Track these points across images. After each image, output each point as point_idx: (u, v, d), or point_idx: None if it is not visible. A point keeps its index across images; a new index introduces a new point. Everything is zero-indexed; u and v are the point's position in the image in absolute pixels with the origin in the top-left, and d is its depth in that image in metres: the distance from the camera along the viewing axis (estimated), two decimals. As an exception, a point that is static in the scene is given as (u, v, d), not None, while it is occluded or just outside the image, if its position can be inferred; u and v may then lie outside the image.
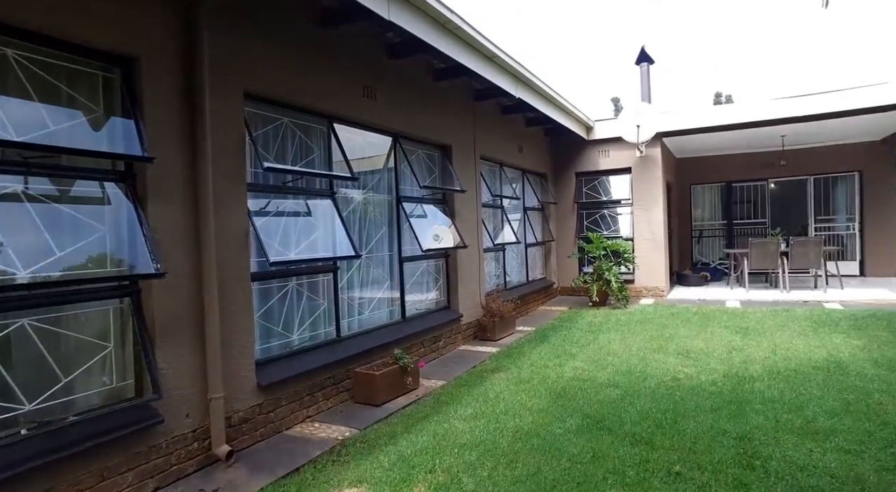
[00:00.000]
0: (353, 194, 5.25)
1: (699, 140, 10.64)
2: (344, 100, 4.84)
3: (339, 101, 4.78)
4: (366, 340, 4.97)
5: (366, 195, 5.40)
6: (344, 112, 4.87)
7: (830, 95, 8.28)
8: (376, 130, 5.48)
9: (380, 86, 5.29)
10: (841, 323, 6.89)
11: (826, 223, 11.97)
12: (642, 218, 9.67)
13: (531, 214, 9.64)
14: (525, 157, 9.09)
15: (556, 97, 8.00)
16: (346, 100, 4.86)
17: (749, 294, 9.45)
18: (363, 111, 5.08)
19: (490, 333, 6.82)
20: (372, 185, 5.52)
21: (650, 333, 6.85)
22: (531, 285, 9.19)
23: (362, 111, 5.07)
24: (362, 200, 5.35)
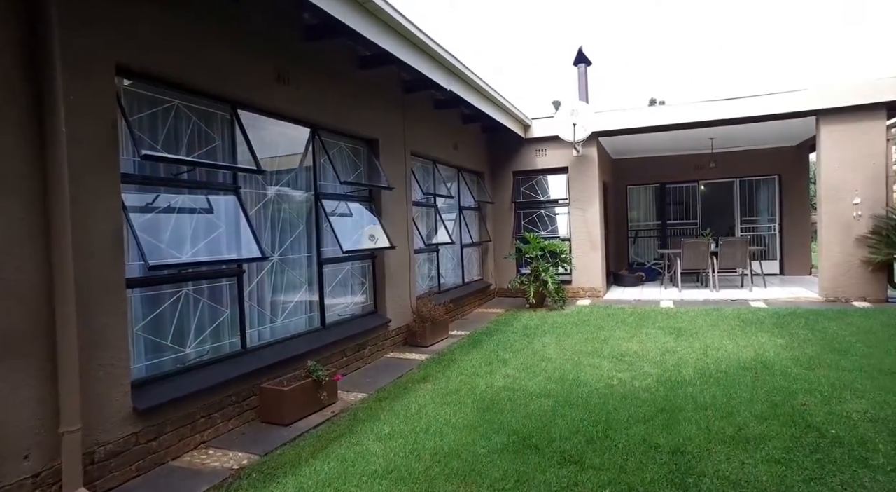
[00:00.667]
0: (266, 190, 4.73)
1: (634, 141, 10.73)
2: (251, 84, 4.32)
3: (245, 84, 4.26)
4: (277, 351, 4.47)
5: (280, 191, 4.89)
6: (251, 97, 4.35)
7: (753, 99, 8.47)
8: (291, 120, 4.97)
9: (295, 71, 4.80)
10: (766, 322, 7.00)
11: (750, 224, 12.41)
12: (579, 218, 9.60)
13: (467, 213, 9.36)
14: (461, 154, 8.79)
15: (492, 93, 7.74)
16: (253, 84, 4.34)
17: (682, 294, 9.56)
18: (275, 98, 4.57)
19: (421, 339, 6.44)
20: (287, 180, 5.02)
21: (586, 335, 6.70)
22: (467, 287, 8.90)
23: (274, 98, 4.56)
24: (276, 196, 4.83)
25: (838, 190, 8.21)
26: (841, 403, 4.04)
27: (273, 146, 4.85)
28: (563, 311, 8.48)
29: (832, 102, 8.11)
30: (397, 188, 6.50)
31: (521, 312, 8.54)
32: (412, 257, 6.85)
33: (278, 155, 4.91)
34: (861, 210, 8.11)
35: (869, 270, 8.07)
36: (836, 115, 8.17)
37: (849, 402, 4.05)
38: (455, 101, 7.30)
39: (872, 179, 8.07)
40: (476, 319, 8.30)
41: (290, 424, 3.94)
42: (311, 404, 4.15)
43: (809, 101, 8.22)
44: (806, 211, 11.87)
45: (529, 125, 9.76)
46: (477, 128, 9.44)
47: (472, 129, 9.25)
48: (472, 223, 9.57)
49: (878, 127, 8.03)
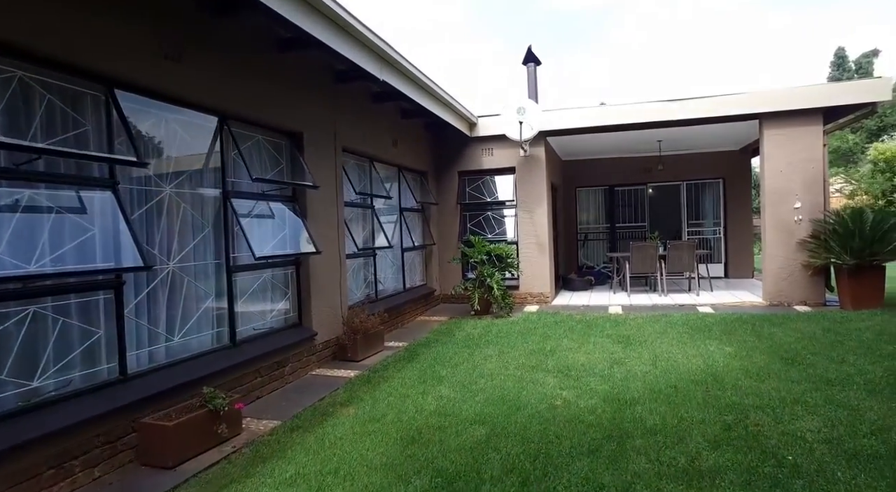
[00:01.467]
0: (163, 187, 4.04)
1: (583, 142, 10.49)
2: (133, 59, 3.63)
3: (124, 60, 3.57)
4: (170, 376, 3.79)
5: (179, 189, 4.20)
6: (133, 76, 3.66)
7: (699, 101, 8.34)
8: (192, 107, 4.29)
9: (193, 48, 4.13)
10: (713, 328, 6.80)
11: (697, 227, 12.45)
12: (527, 220, 9.24)
13: (409, 215, 8.82)
14: (401, 152, 8.25)
15: (433, 86, 7.24)
16: (136, 60, 3.66)
17: (631, 299, 9.36)
18: (166, 78, 3.90)
19: (351, 353, 5.86)
20: (189, 176, 4.33)
21: (531, 346, 6.29)
22: (408, 294, 8.36)
23: (164, 78, 3.89)
24: (173, 194, 4.15)
25: (780, 194, 8.17)
26: (794, 420, 3.75)
27: (170, 136, 4.16)
28: (510, 318, 8.07)
29: (773, 106, 8.07)
30: (326, 187, 5.89)
31: (465, 320, 8.07)
32: (343, 263, 6.25)
33: (176, 146, 4.22)
34: (802, 214, 8.10)
35: (809, 274, 8.07)
36: (778, 119, 8.14)
37: (801, 419, 3.77)
38: (393, 95, 6.76)
39: (811, 184, 8.07)
40: (417, 328, 7.77)
41: (176, 466, 3.28)
42: (206, 439, 3.51)
43: (753, 103, 8.16)
44: (748, 215, 12.00)
45: (475, 123, 9.33)
46: (419, 124, 8.93)
47: (414, 125, 8.73)
48: (414, 226, 9.04)
49: (815, 132, 8.04)
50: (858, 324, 6.55)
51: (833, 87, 7.73)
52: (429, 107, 7.50)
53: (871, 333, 6.13)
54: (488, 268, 8.29)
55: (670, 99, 8.44)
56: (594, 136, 9.69)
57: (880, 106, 7.84)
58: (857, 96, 7.69)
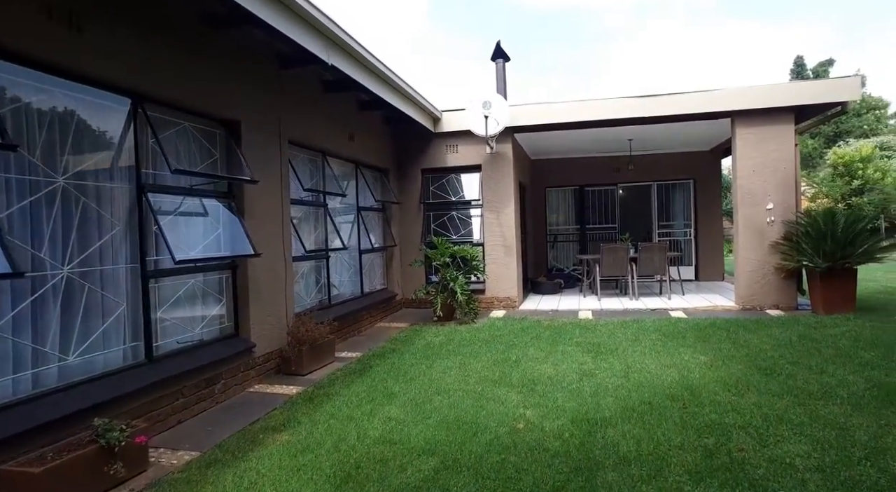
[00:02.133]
0: (55, 178, 3.40)
1: (552, 140, 10.13)
2: (8, 20, 3.01)
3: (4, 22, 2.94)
4: (54, 406, 3.16)
5: (77, 181, 3.57)
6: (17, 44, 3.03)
7: (671, 97, 8.04)
8: (97, 85, 3.67)
9: (105, 19, 3.51)
10: (687, 335, 6.46)
11: (667, 229, 12.24)
12: (493, 221, 8.79)
13: (368, 215, 8.27)
14: (359, 147, 7.69)
15: (390, 75, 6.71)
16: (13, 21, 3.03)
17: (601, 303, 9.00)
18: (54, 47, 3.27)
19: (296, 367, 5.28)
20: (91, 165, 3.70)
21: (495, 356, 5.82)
22: (366, 299, 7.80)
23: (52, 47, 3.26)
24: (70, 187, 3.51)
25: (753, 195, 7.93)
26: (780, 443, 3.36)
27: (65, 117, 3.52)
28: (474, 324, 7.60)
29: (746, 104, 7.82)
30: (269, 183, 5.30)
31: (426, 327, 7.56)
32: (290, 266, 5.66)
33: (74, 130, 3.58)
34: (774, 216, 7.87)
35: (781, 277, 7.84)
36: (750, 117, 7.90)
37: (788, 441, 3.39)
38: (347, 84, 6.19)
39: (784, 184, 7.85)
40: (374, 335, 7.22)
41: (51, 520, 2.67)
42: (95, 482, 2.90)
43: (725, 101, 7.90)
44: (719, 216, 11.84)
45: (439, 118, 8.83)
46: (378, 119, 8.39)
47: (373, 119, 8.19)
48: (373, 226, 8.49)
49: (787, 131, 7.82)
50: (833, 330, 6.29)
51: (805, 86, 7.53)
52: (387, 98, 6.96)
53: (846, 339, 5.86)
54: (452, 271, 7.80)
55: (641, 95, 8.12)
56: (564, 133, 9.32)
57: (850, 106, 7.66)
58: (829, 95, 7.49)
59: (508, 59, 10.93)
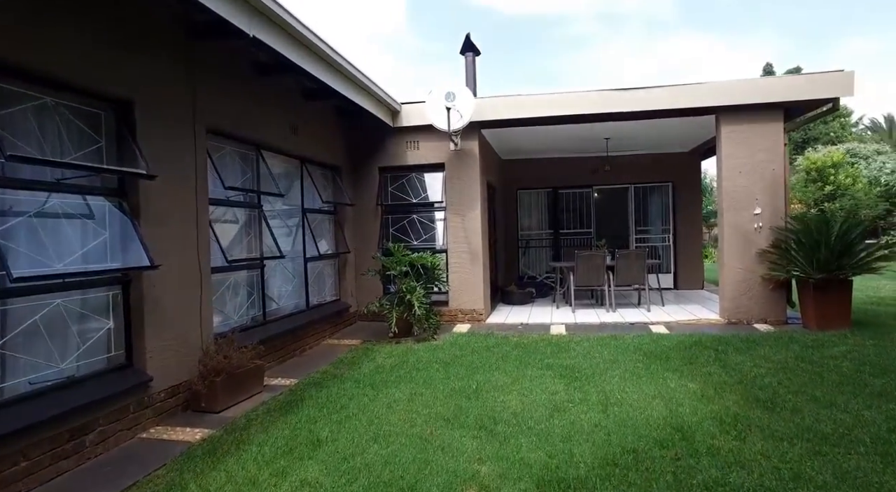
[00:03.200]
0: None
1: (524, 137, 9.36)
2: None
3: None
4: None
5: None
6: None
7: (651, 90, 7.34)
8: None
9: None
10: (671, 355, 5.73)
11: (645, 234, 11.60)
12: (458, 225, 7.95)
13: (317, 218, 7.35)
14: (304, 142, 6.77)
15: (336, 58, 5.82)
16: None
17: (576, 316, 8.25)
18: None
19: (209, 402, 4.33)
20: None
21: (453, 383, 4.97)
22: (312, 313, 6.87)
23: None
24: None
25: (739, 198, 7.28)
26: (803, 515, 2.60)
27: None
28: (434, 342, 6.74)
29: (731, 99, 7.17)
30: (177, 179, 4.36)
31: (379, 345, 6.67)
32: (207, 279, 4.71)
33: None
34: (761, 221, 7.23)
35: (769, 288, 7.20)
36: (736, 114, 7.25)
37: (813, 512, 2.62)
38: (286, 67, 5.27)
39: (772, 187, 7.22)
40: (319, 355, 6.30)
41: None
42: None
43: (709, 95, 7.23)
44: (699, 221, 11.26)
45: (398, 111, 7.97)
46: (329, 110, 7.48)
47: (322, 110, 7.28)
48: (323, 231, 7.57)
49: (776, 129, 7.20)
50: (832, 350, 5.63)
51: (796, 80, 6.92)
52: (335, 86, 6.07)
53: (849, 362, 5.19)
54: (409, 282, 6.93)
55: (620, 88, 7.40)
56: (536, 130, 8.57)
57: (840, 104, 7.07)
58: (821, 91, 6.88)
59: (479, 52, 10.15)
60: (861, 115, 34.62)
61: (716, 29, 71.46)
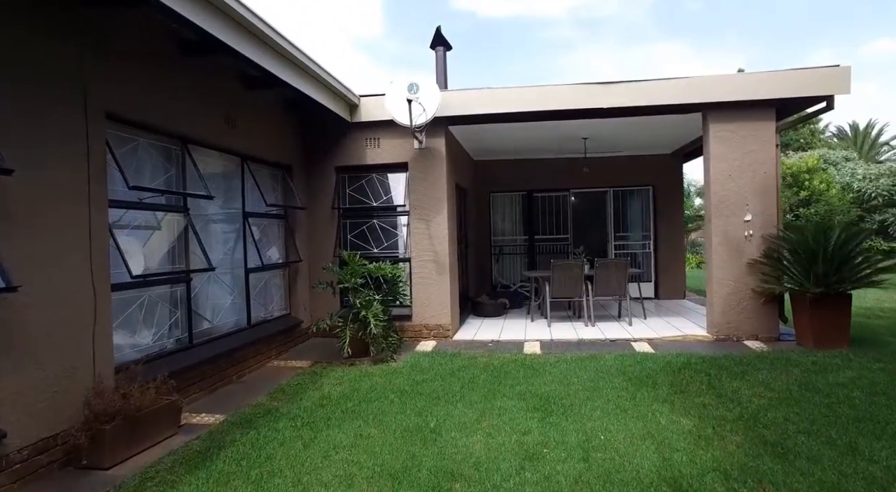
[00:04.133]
0: None
1: (497, 137, 8.67)
2: None
3: None
4: None
5: None
6: None
7: (635, 84, 6.71)
8: None
9: None
10: (659, 380, 5.06)
11: (624, 241, 11.01)
12: (422, 232, 7.18)
13: (262, 223, 6.50)
14: (245, 136, 5.93)
15: (276, 39, 5.00)
16: None
17: (552, 330, 7.55)
18: None
19: (95, 457, 3.46)
20: None
21: (408, 420, 4.20)
22: (256, 331, 6.02)
23: None
24: None
25: (729, 203, 6.68)
26: None
27: None
28: (393, 364, 5.96)
29: (720, 95, 6.59)
30: (56, 173, 3.49)
31: (331, 368, 5.85)
32: (103, 299, 3.84)
33: None
34: (752, 229, 6.64)
35: (761, 302, 6.61)
36: (726, 112, 6.67)
37: None
38: (217, 48, 4.43)
39: (763, 191, 6.65)
40: (259, 381, 5.45)
41: None
42: None
43: (696, 91, 6.64)
44: (680, 227, 10.71)
45: (357, 105, 7.17)
46: (275, 101, 6.64)
47: (266, 101, 6.44)
48: (271, 237, 6.72)
49: (768, 129, 6.64)
50: (837, 375, 5.02)
51: (789, 76, 6.36)
52: (278, 72, 5.25)
53: (860, 391, 4.58)
54: (366, 295, 6.13)
55: (602, 81, 6.74)
56: (510, 129, 7.87)
57: (835, 102, 6.52)
58: (816, 87, 6.34)
59: (450, 47, 9.46)
60: (828, 123, 35.08)
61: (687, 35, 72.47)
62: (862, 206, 22.93)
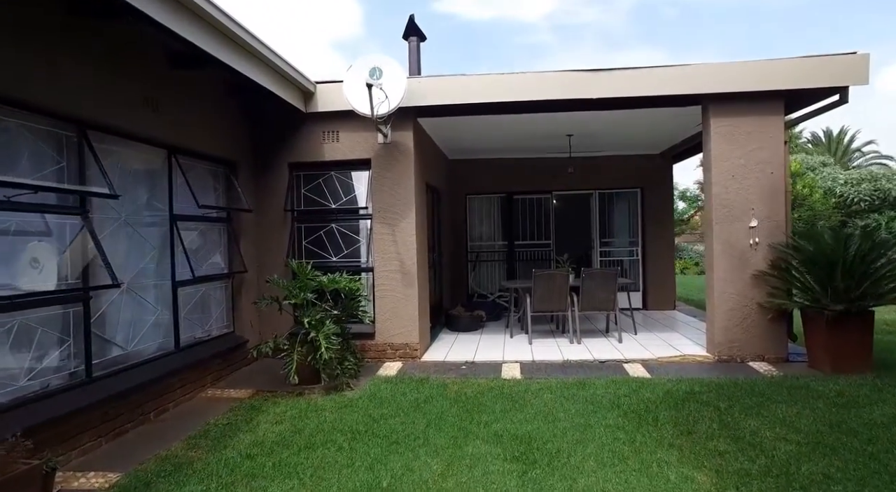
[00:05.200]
0: None
1: (474, 133, 7.84)
2: None
3: None
4: None
5: None
6: None
7: (622, 74, 5.93)
8: None
9: None
10: (661, 417, 4.26)
11: (610, 247, 10.26)
12: (386, 237, 6.30)
13: (199, 228, 5.54)
14: (171, 124, 4.98)
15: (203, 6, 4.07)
16: None
17: (533, 349, 6.72)
18: None
19: None
20: None
21: (356, 478, 3.32)
22: (185, 355, 5.06)
23: None
24: None
25: (732, 208, 5.94)
26: None
27: None
28: (348, 393, 5.06)
29: (723, 85, 5.85)
30: None
31: (274, 400, 4.93)
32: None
33: None
34: (758, 236, 5.91)
35: (768, 318, 5.87)
36: (729, 104, 5.93)
37: None
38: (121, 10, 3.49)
39: (771, 194, 5.93)
40: (180, 421, 4.49)
41: None
42: None
43: (696, 80, 5.89)
44: (670, 233, 10.00)
45: (313, 93, 6.27)
46: (213, 84, 5.70)
47: (200, 83, 5.49)
48: (210, 244, 5.77)
49: (776, 124, 5.92)
50: (871, 411, 4.24)
51: (802, 64, 5.65)
52: (207, 48, 4.32)
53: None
54: (316, 312, 5.22)
55: (590, 69, 5.95)
56: (486, 123, 7.05)
57: (849, 94, 5.84)
58: (831, 77, 5.64)
59: (424, 38, 8.63)
60: (802, 129, 35.20)
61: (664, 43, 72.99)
62: (844, 210, 22.71)
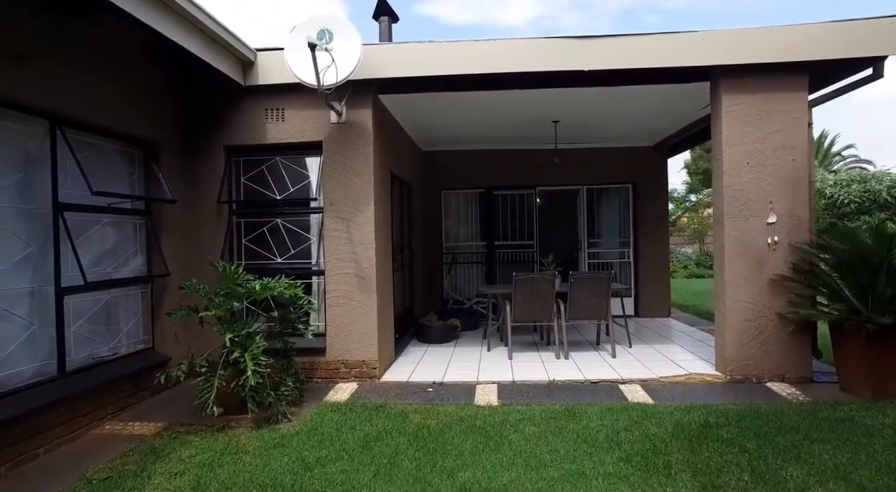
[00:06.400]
0: None
1: (447, 118, 6.89)
2: None
3: None
4: None
5: None
6: None
7: (618, 41, 5.02)
8: None
9: None
10: (673, 461, 3.32)
11: (598, 248, 9.37)
12: (340, 235, 5.29)
13: (99, 221, 4.47)
14: (52, 87, 3.91)
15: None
16: None
17: (514, 366, 5.76)
18: None
19: None
20: None
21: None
22: (76, 381, 3.98)
23: None
24: None
25: (747, 201, 5.05)
26: None
27: None
28: (283, 427, 4.04)
29: (735, 56, 4.96)
30: None
31: (186, 439, 3.88)
32: None
33: None
34: (778, 234, 5.03)
35: (788, 331, 4.99)
36: (743, 78, 5.05)
37: None
38: None
39: (793, 186, 5.05)
40: (48, 471, 3.42)
41: None
42: None
43: (704, 49, 4.99)
44: (664, 233, 9.14)
45: (253, 62, 5.24)
46: (122, 42, 4.64)
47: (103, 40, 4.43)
48: (122, 241, 4.70)
49: (798, 102, 5.05)
50: (938, 451, 3.37)
51: (830, 29, 4.79)
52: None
53: None
54: (241, 326, 4.19)
55: (577, 35, 5.02)
56: (461, 104, 6.10)
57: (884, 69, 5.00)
58: (863, 46, 4.78)
59: (396, 18, 7.71)
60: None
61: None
62: (833, 212, 22.28)
